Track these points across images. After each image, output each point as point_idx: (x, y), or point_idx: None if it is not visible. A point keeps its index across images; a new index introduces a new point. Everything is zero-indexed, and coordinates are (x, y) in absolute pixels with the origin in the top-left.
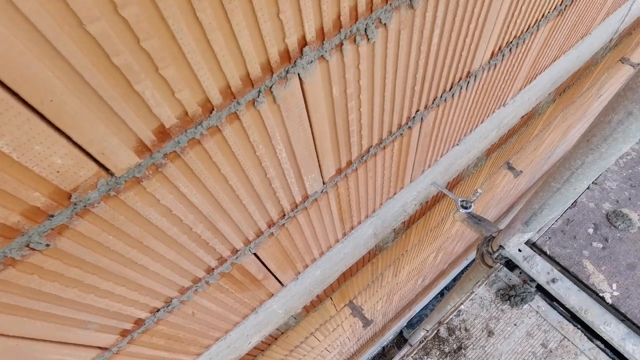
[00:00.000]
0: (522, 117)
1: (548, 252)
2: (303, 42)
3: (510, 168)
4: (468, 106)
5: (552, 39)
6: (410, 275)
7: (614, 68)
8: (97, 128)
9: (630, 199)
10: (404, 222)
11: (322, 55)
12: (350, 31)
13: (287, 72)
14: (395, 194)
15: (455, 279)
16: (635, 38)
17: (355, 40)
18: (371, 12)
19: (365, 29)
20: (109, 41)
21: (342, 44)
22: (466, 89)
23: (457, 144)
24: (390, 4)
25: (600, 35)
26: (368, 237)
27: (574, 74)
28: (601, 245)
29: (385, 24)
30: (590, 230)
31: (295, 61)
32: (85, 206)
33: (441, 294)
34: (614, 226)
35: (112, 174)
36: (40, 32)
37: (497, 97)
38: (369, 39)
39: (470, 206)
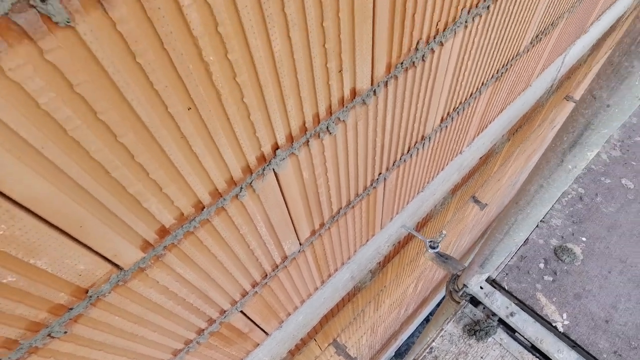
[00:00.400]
0: (481, 158)
1: (506, 288)
2: (276, 147)
3: (476, 201)
4: (426, 161)
5: (494, 98)
6: (392, 308)
7: (561, 105)
8: (113, 238)
9: (573, 234)
10: (379, 262)
11: (292, 152)
12: (314, 131)
13: (263, 170)
14: (367, 240)
15: (439, 304)
16: (574, 79)
17: (319, 136)
18: (331, 115)
19: (327, 127)
20: (126, 179)
21: (308, 141)
22: (422, 148)
23: (422, 191)
24: (346, 106)
25: (541, 84)
26: (346, 280)
27: (523, 116)
28: (551, 279)
29: (343, 120)
30: (542, 265)
31: (270, 161)
32: (98, 297)
33: (426, 319)
34: (561, 260)
35: (121, 269)
36: (78, 183)
37: (452, 149)
38: (330, 133)
39: (437, 246)
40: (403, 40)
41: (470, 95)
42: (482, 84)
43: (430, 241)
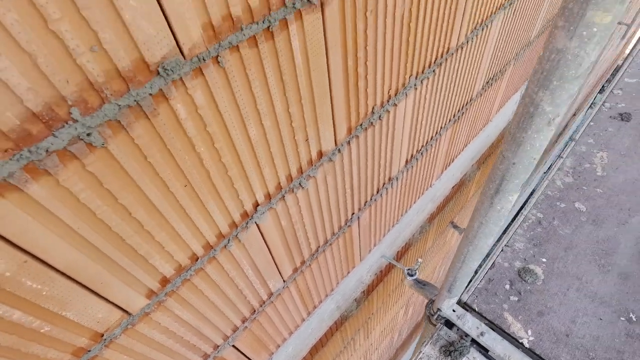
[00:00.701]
0: (453, 187)
1: (476, 309)
2: (256, 204)
3: (455, 227)
4: (397, 198)
5: (456, 137)
6: (384, 334)
7: None
8: (125, 290)
9: (534, 256)
10: (364, 291)
11: (271, 207)
12: (288, 188)
13: (247, 223)
14: (349, 272)
15: None
16: None
17: (293, 191)
18: (302, 173)
19: (299, 183)
20: (137, 243)
21: (284, 196)
22: (391, 187)
23: (397, 223)
24: (315, 165)
25: (502, 118)
26: (331, 311)
27: (490, 146)
28: (516, 298)
29: (313, 176)
30: (507, 286)
31: (252, 216)
32: (111, 339)
33: None
34: (525, 281)
35: (130, 314)
36: (101, 250)
37: (422, 184)
38: (302, 188)
39: (414, 273)
40: (359, 108)
41: (431, 139)
42: (441, 127)
43: (408, 269)
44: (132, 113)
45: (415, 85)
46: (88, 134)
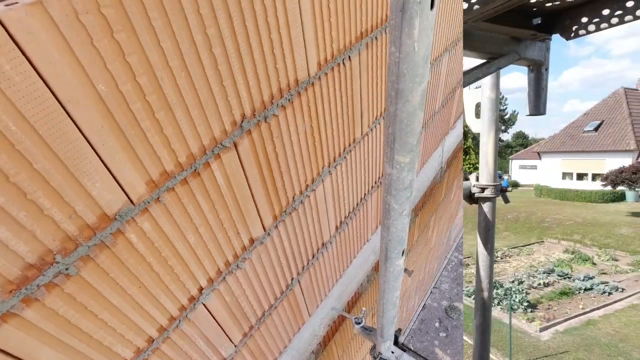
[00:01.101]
0: None
1: (412, 348)
2: (201, 288)
3: (405, 270)
4: (334, 258)
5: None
6: None
7: (460, 177)
8: None
9: (457, 294)
10: (320, 343)
11: (214, 288)
12: (228, 270)
13: (194, 305)
14: (299, 329)
15: None
16: (460, 159)
17: (232, 272)
18: (237, 258)
19: (237, 265)
20: (102, 337)
21: (224, 278)
22: (326, 251)
23: (340, 277)
24: (248, 249)
25: (429, 171)
26: None
27: (423, 196)
28: (445, 334)
29: (249, 258)
30: (437, 324)
31: (198, 298)
32: None
33: None
34: (451, 317)
35: None
36: (78, 350)
37: (358, 242)
38: (240, 268)
39: (361, 321)
40: (281, 201)
41: (357, 205)
42: (366, 193)
43: (355, 318)
44: (98, 248)
45: (329, 171)
46: (66, 269)
